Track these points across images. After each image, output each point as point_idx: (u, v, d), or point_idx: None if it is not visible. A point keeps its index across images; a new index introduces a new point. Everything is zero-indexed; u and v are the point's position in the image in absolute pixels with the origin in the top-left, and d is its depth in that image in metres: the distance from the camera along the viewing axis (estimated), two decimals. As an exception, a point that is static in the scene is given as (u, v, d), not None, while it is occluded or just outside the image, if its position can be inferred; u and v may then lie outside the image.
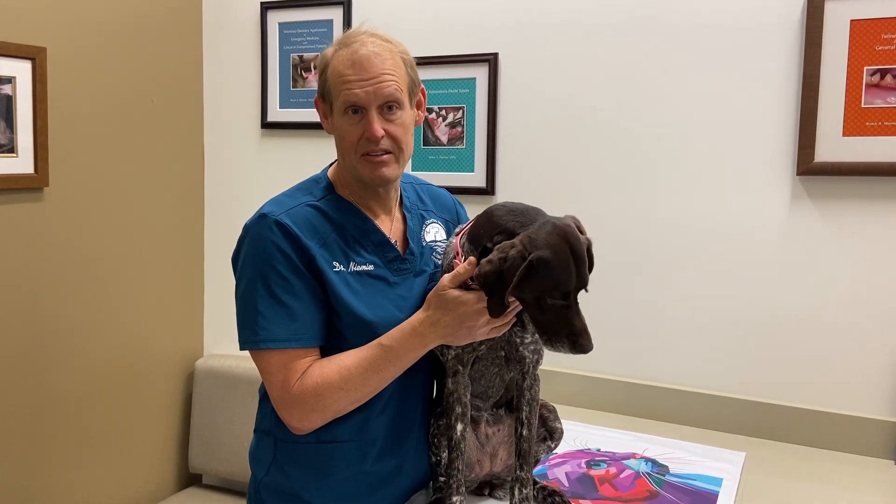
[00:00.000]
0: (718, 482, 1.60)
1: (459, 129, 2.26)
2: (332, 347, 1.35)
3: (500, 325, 1.30)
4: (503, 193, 2.21)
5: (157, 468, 2.60)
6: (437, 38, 2.28)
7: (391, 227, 1.43)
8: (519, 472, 1.33)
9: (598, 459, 1.71)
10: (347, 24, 2.40)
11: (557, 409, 1.52)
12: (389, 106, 1.33)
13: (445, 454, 1.39)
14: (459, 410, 1.35)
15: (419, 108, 1.42)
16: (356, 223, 1.38)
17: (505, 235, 1.23)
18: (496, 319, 1.27)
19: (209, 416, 2.61)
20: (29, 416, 2.18)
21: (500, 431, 1.43)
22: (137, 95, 2.44)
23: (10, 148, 2.09)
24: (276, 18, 2.52)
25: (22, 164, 2.12)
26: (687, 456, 1.74)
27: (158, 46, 2.50)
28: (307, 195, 1.38)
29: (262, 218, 1.33)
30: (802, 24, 1.86)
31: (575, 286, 1.20)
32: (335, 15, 2.42)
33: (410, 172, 2.06)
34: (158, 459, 2.61)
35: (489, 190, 2.22)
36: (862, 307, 1.85)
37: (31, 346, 2.18)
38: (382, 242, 1.39)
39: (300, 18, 2.48)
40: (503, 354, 1.35)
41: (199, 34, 2.65)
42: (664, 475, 1.63)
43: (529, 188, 2.17)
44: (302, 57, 2.50)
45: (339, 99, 1.33)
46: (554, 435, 1.49)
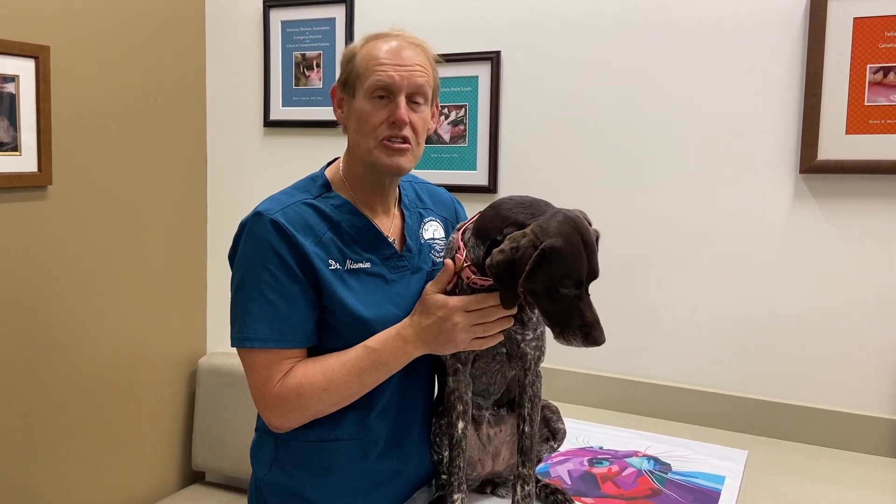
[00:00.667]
0: (721, 480, 1.60)
1: (461, 127, 2.26)
2: (329, 346, 1.34)
3: (483, 335, 1.29)
4: (505, 191, 2.21)
5: (160, 466, 2.61)
6: (439, 36, 2.27)
7: (389, 224, 1.43)
8: (521, 469, 1.33)
9: (600, 457, 1.71)
10: (350, 22, 2.40)
11: (559, 407, 1.52)
12: (416, 99, 1.35)
13: (447, 452, 1.39)
14: (461, 408, 1.35)
15: (433, 117, 1.43)
16: (352, 221, 1.38)
17: (515, 227, 1.22)
18: (477, 328, 1.27)
19: (212, 413, 2.61)
20: (32, 413, 2.19)
21: (501, 432, 1.43)
22: (140, 94, 2.44)
23: (13, 146, 2.09)
24: (278, 16, 2.52)
25: (25, 162, 2.12)
26: (689, 454, 1.74)
27: (161, 45, 2.50)
28: (303, 193, 1.38)
29: (257, 216, 1.32)
30: (805, 21, 1.86)
31: (587, 275, 1.20)
32: (338, 13, 2.42)
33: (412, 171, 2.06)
34: (161, 457, 2.61)
35: (491, 188, 2.22)
36: (865, 305, 1.84)
37: (34, 344, 2.18)
38: (379, 240, 1.39)
39: (303, 17, 2.48)
40: (504, 351, 1.35)
41: (201, 32, 2.66)
42: (666, 473, 1.63)
43: (531, 186, 2.17)
44: (304, 55, 2.50)
45: (369, 81, 1.33)
46: (557, 436, 1.49)
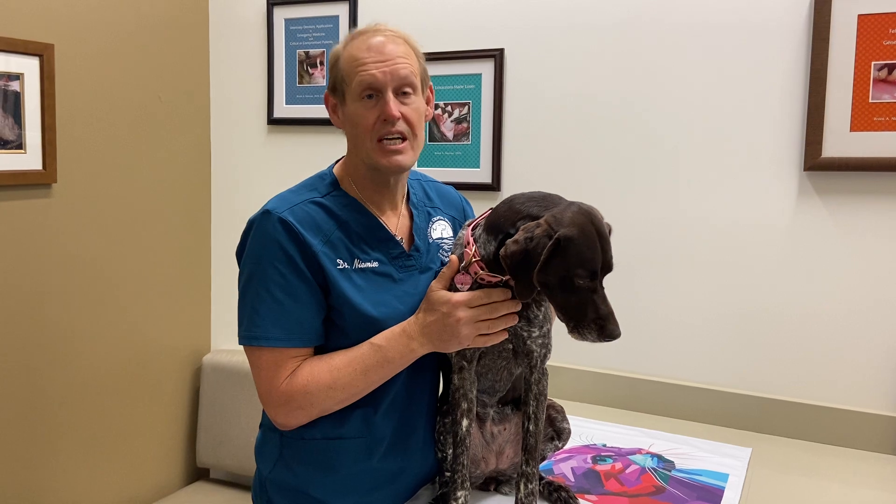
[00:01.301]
0: (725, 477, 1.60)
1: (465, 125, 2.26)
2: (336, 345, 1.35)
3: (487, 332, 1.29)
4: (509, 189, 2.21)
5: (164, 463, 2.62)
6: (442, 33, 2.27)
7: (397, 223, 1.43)
8: (525, 466, 1.33)
9: (604, 455, 1.71)
10: (353, 19, 2.40)
11: (564, 404, 1.52)
12: (405, 91, 1.33)
13: (451, 450, 1.39)
14: (465, 406, 1.35)
15: (428, 103, 1.42)
16: (361, 220, 1.38)
17: (529, 220, 1.22)
18: (481, 324, 1.27)
19: (216, 411, 2.62)
20: (36, 410, 2.20)
21: (506, 430, 1.43)
22: (144, 92, 2.45)
23: (18, 144, 2.10)
24: (282, 14, 2.52)
25: (30, 160, 2.13)
26: (693, 451, 1.74)
27: (165, 43, 2.50)
28: (312, 192, 1.38)
29: (265, 214, 1.32)
30: (810, 18, 1.85)
31: (602, 267, 1.20)
32: (341, 11, 2.42)
33: (416, 169, 2.06)
34: (166, 454, 2.62)
35: (495, 186, 2.22)
36: (869, 302, 1.84)
37: (38, 341, 2.19)
38: (387, 239, 1.39)
39: (306, 14, 2.48)
40: (511, 348, 1.35)
41: (205, 30, 2.66)
42: (670, 471, 1.63)
43: (535, 184, 2.14)
44: (308, 53, 2.50)
45: (354, 83, 1.33)
46: (562, 435, 1.49)
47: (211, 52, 2.68)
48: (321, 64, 2.48)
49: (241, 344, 1.34)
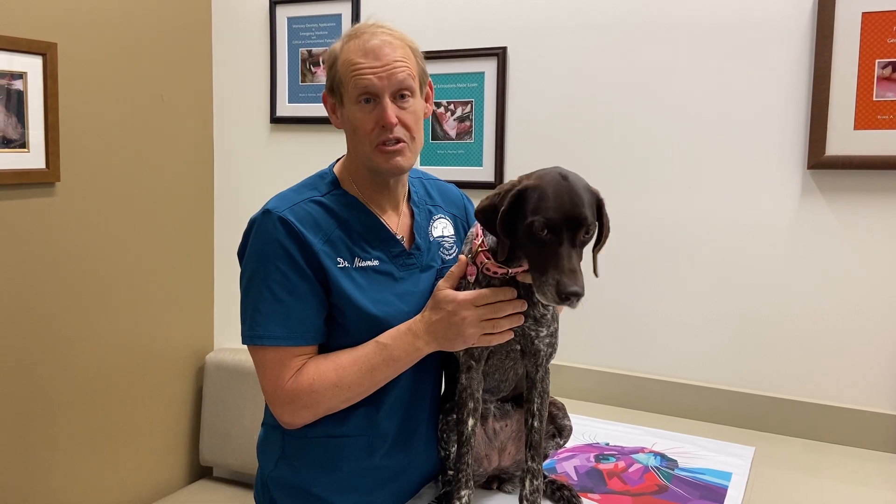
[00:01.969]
0: (728, 476, 1.60)
1: (468, 123, 2.26)
2: (339, 343, 1.35)
3: (492, 331, 1.28)
4: (512, 188, 2.21)
5: (168, 461, 2.62)
6: (445, 32, 2.27)
7: (398, 221, 1.43)
8: (530, 463, 1.33)
9: (606, 453, 1.71)
10: (356, 18, 2.40)
11: (566, 403, 1.52)
12: (402, 94, 1.33)
13: (454, 448, 1.39)
14: (472, 406, 1.35)
15: (427, 100, 1.42)
16: (361, 218, 1.38)
17: None
18: (486, 323, 1.26)
19: (219, 409, 2.62)
20: (40, 409, 2.20)
21: (507, 426, 1.43)
22: (147, 91, 2.45)
23: (21, 143, 2.10)
24: (284, 13, 2.52)
25: (33, 159, 2.13)
26: (696, 450, 1.74)
27: (168, 41, 2.51)
28: (312, 191, 1.38)
29: (266, 214, 1.33)
30: (814, 16, 1.85)
31: (567, 220, 1.16)
32: (344, 9, 2.42)
33: (419, 167, 2.06)
34: (169, 452, 2.63)
35: (498, 184, 2.21)
36: (873, 301, 1.84)
37: (41, 340, 2.19)
38: (387, 238, 1.39)
39: (309, 13, 2.48)
40: (518, 348, 1.35)
41: (208, 29, 2.66)
42: (673, 469, 1.63)
43: (538, 182, 2.17)
44: (311, 52, 2.50)
45: (351, 88, 1.33)
46: (563, 432, 1.49)
47: (213, 50, 2.68)
48: (324, 62, 2.48)
49: (244, 343, 1.34)
